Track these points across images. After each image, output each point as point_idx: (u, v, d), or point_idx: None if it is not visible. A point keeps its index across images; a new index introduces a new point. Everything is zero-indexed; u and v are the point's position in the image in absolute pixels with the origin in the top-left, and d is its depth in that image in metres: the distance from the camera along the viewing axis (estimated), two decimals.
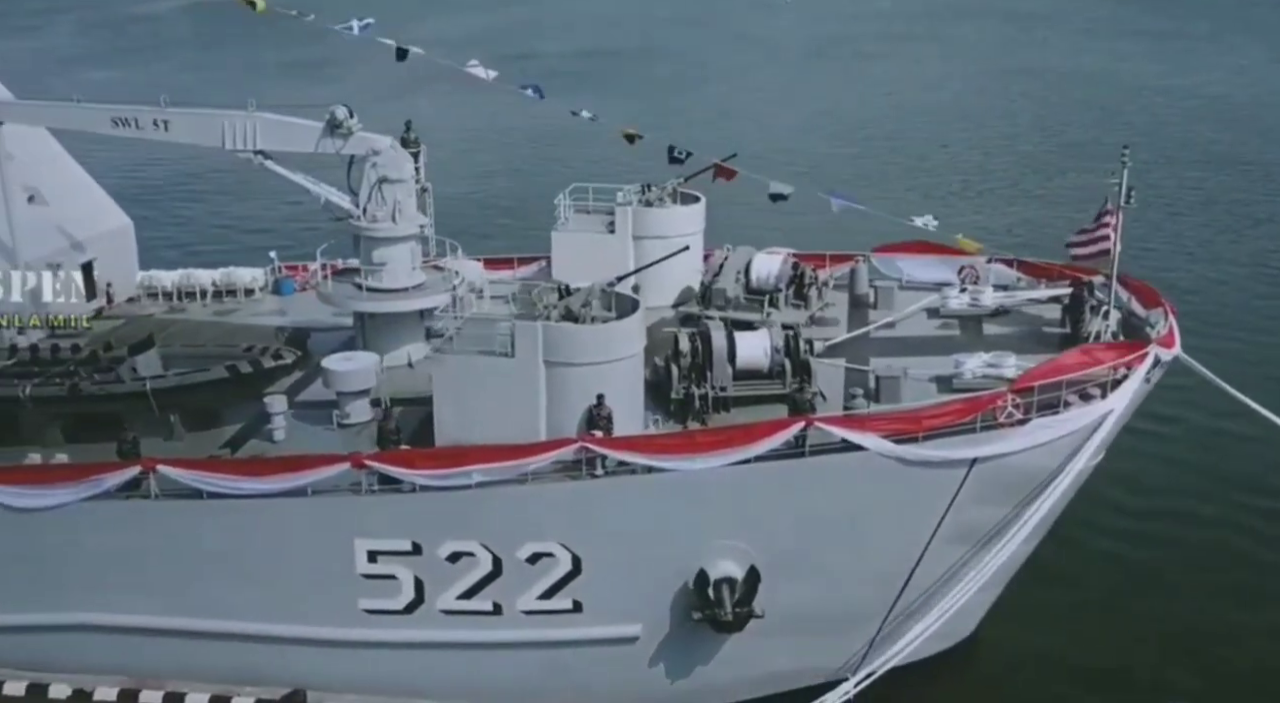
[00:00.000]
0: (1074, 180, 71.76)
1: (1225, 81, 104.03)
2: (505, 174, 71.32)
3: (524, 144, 78.71)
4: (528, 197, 67.05)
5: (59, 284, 32.49)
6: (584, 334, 22.92)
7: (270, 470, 22.57)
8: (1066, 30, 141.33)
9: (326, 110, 28.55)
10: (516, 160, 75.09)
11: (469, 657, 23.48)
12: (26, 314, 30.56)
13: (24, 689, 22.62)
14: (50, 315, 28.80)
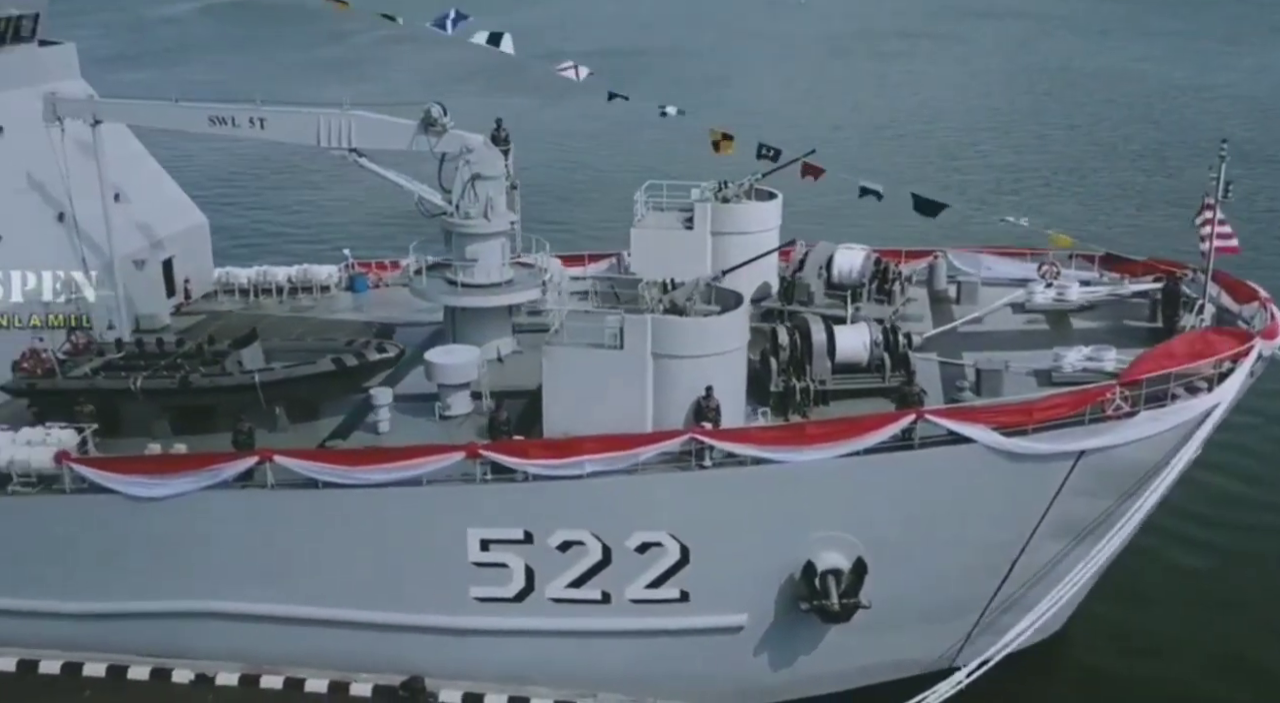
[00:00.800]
0: (1111, 178, 71.82)
1: (1249, 81, 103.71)
2: (554, 169, 71.46)
3: (574, 140, 78.95)
4: (583, 193, 67.40)
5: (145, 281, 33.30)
6: (692, 327, 22.96)
7: (385, 460, 22.68)
8: (1086, 31, 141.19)
9: (420, 108, 28.79)
10: (563, 157, 75.27)
11: (577, 645, 23.53)
12: (111, 310, 30.92)
13: (148, 674, 22.74)
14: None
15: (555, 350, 23.23)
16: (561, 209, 61.70)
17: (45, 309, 27.44)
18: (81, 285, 30.40)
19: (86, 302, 29.05)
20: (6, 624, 23.56)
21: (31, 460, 23.53)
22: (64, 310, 27.96)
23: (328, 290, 36.61)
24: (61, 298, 28.92)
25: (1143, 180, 72.19)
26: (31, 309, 27.19)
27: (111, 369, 26.49)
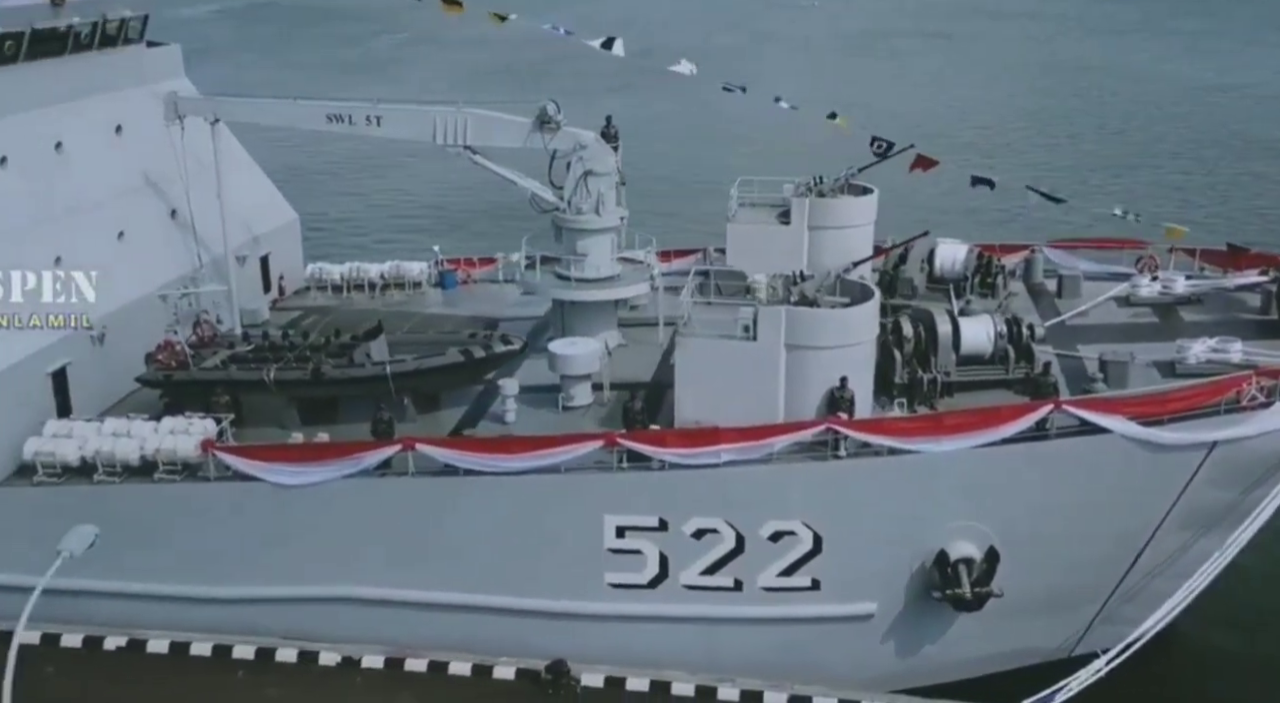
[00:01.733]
0: (1152, 176, 71.19)
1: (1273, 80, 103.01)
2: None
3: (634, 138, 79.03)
4: (653, 189, 67.34)
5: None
6: (827, 319, 23.04)
7: (525, 449, 22.89)
8: (1100, 31, 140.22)
9: (534, 107, 29.00)
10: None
11: (709, 631, 23.62)
12: (219, 304, 31.29)
13: (295, 656, 23.06)
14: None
15: (688, 342, 23.34)
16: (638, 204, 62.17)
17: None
18: (197, 281, 31.37)
19: (201, 296, 29.79)
20: (156, 608, 23.93)
21: (177, 449, 23.88)
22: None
23: (419, 287, 37.00)
24: (178, 293, 29.65)
25: (1183, 177, 71.85)
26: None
27: (240, 361, 26.85)
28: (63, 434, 24.55)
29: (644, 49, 32.15)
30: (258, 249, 35.15)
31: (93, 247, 28.28)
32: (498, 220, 60.05)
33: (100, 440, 24.23)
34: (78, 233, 28.01)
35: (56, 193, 27.93)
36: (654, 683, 22.41)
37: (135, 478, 24.14)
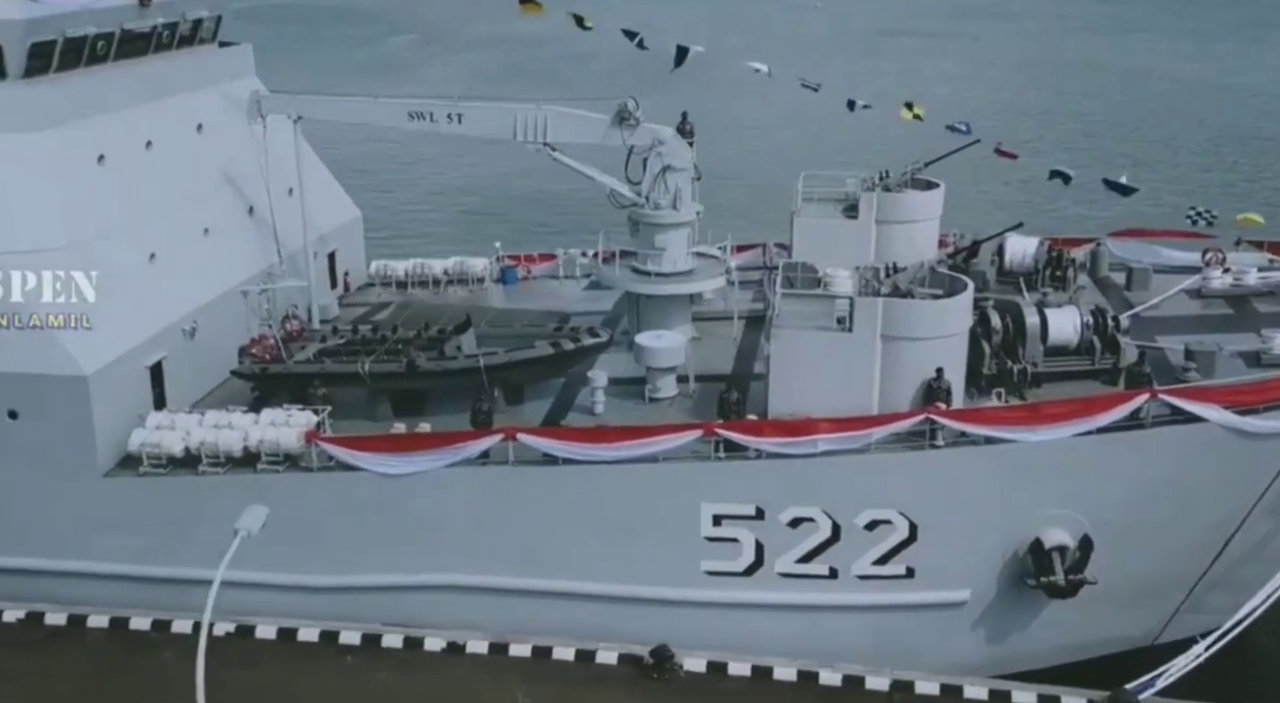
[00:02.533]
0: (1173, 173, 70.96)
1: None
2: None
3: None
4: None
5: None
6: (924, 310, 23.18)
7: (625, 438, 23.08)
8: (1101, 30, 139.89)
9: (614, 104, 29.16)
10: None
11: (803, 618, 23.73)
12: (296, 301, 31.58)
13: (401, 642, 23.31)
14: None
15: (784, 333, 23.48)
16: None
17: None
18: (276, 277, 31.67)
19: (280, 292, 30.06)
20: (263, 597, 24.09)
21: (280, 440, 24.15)
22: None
23: (481, 282, 37.24)
24: (259, 288, 29.96)
25: (1209, 171, 71.86)
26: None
27: (332, 355, 27.12)
28: (166, 426, 24.84)
29: (663, 48, 32.15)
30: (325, 246, 35.46)
31: (182, 243, 28.61)
32: (552, 215, 60.15)
33: (203, 432, 24.51)
34: (169, 230, 28.32)
35: (148, 191, 28.22)
36: (755, 668, 22.55)
37: (238, 469, 24.46)
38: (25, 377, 23.81)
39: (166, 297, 27.29)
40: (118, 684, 22.16)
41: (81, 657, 22.87)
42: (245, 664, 22.38)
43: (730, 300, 31.29)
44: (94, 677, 22.31)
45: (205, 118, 31.51)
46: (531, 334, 27.73)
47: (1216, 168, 73.79)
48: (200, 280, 28.82)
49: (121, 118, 27.83)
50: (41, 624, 23.76)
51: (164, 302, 27.11)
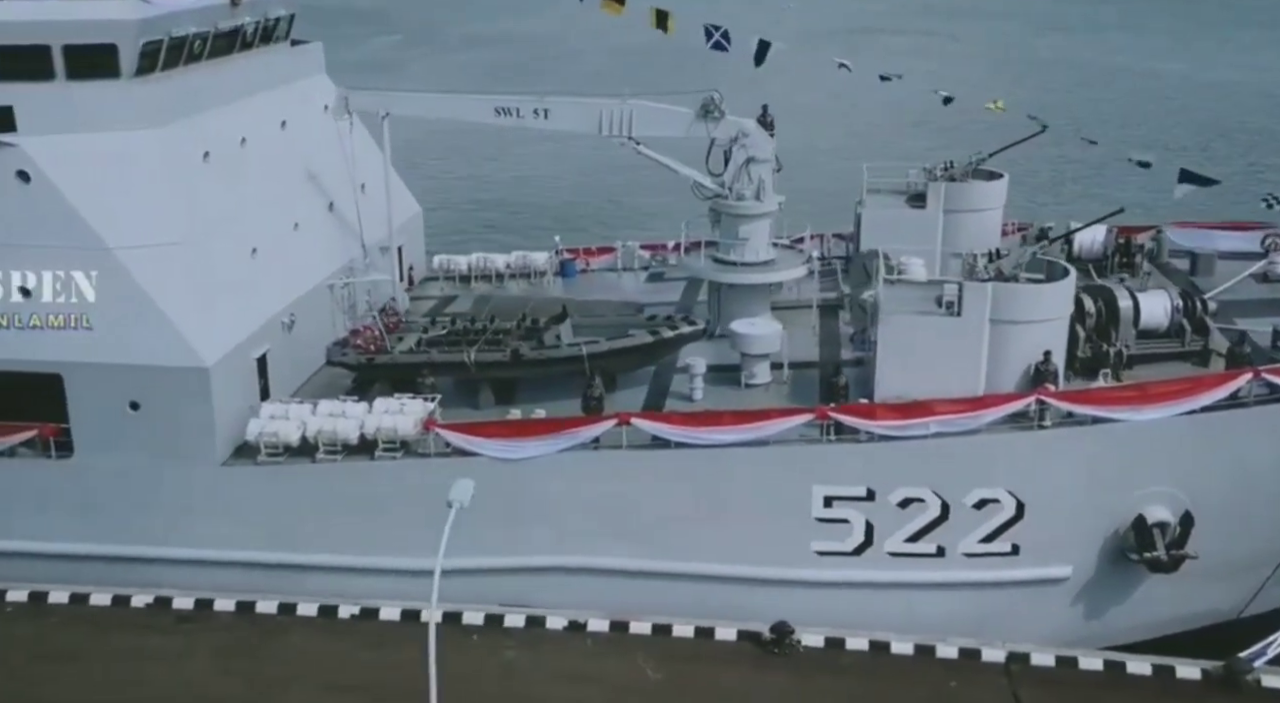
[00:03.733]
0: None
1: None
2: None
3: None
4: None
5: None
6: (1032, 294, 23.53)
7: (738, 422, 23.37)
8: (1070, 29, 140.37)
9: (699, 97, 29.40)
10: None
11: (910, 596, 24.05)
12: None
13: (523, 621, 23.61)
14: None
15: (893, 318, 23.78)
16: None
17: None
18: (357, 270, 31.90)
19: (359, 286, 30.30)
20: (384, 581, 24.36)
21: (398, 428, 24.38)
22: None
23: (544, 276, 37.46)
24: (340, 282, 30.20)
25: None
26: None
27: (434, 344, 27.35)
28: (280, 416, 25.03)
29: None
30: (394, 241, 35.66)
31: (277, 238, 28.81)
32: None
33: (320, 421, 24.72)
34: (266, 225, 28.52)
35: (245, 187, 28.39)
36: (873, 643, 22.88)
37: (353, 456, 24.68)
38: (148, 369, 23.93)
39: (268, 290, 27.49)
40: (251, 664, 22.37)
41: (212, 639, 23.04)
42: (374, 646, 22.70)
43: (800, 289, 31.60)
44: (229, 657, 22.52)
45: (287, 115, 31.67)
46: (625, 323, 28.00)
47: (1211, 160, 74.29)
48: (295, 275, 29.03)
49: (219, 116, 27.97)
50: (169, 608, 23.93)
51: (266, 295, 27.31)
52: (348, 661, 22.43)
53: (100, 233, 24.01)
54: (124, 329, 23.98)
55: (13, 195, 23.95)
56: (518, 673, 22.03)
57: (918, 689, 21.69)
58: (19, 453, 24.90)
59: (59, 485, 24.77)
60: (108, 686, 21.72)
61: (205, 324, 24.59)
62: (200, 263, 25.15)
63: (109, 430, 24.42)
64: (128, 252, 24.10)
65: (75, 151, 24.18)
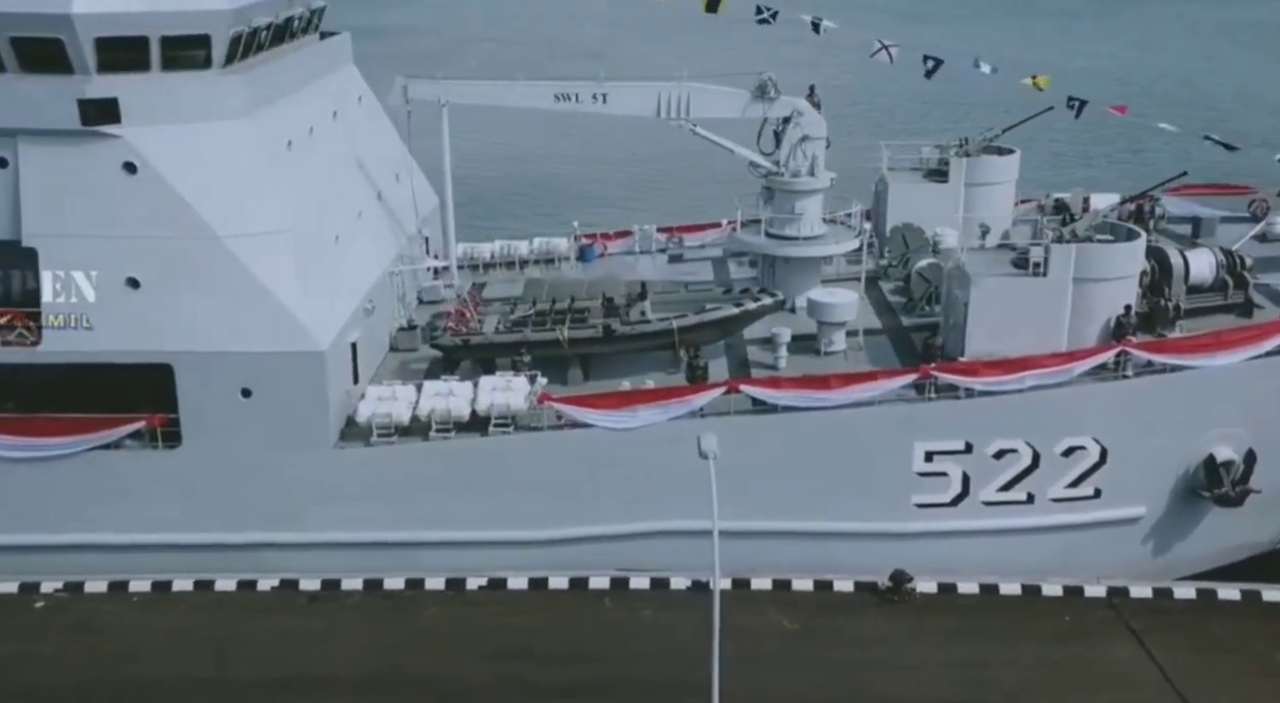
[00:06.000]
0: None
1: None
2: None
3: None
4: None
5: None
6: (1112, 253, 24.49)
7: (846, 384, 23.87)
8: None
9: (756, 79, 29.76)
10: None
11: (1001, 542, 24.80)
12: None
13: (608, 582, 23.82)
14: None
15: (984, 280, 24.52)
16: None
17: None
18: (410, 258, 31.62)
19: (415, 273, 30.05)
20: (478, 553, 24.17)
21: (510, 403, 24.28)
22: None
23: (567, 260, 37.42)
24: (408, 268, 29.93)
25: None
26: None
27: (519, 325, 27.23)
28: (388, 397, 24.69)
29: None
30: (424, 230, 35.30)
31: (350, 227, 28.33)
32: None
33: (432, 400, 24.45)
34: (341, 213, 28.01)
35: (319, 175, 27.83)
36: (983, 586, 23.67)
37: (464, 434, 24.49)
38: (262, 355, 23.31)
39: (352, 278, 27.05)
40: (398, 637, 22.13)
41: (350, 616, 22.69)
42: (506, 614, 22.72)
43: (838, 263, 32.23)
44: (375, 632, 22.26)
45: (336, 105, 31.09)
46: (701, 298, 28.26)
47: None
48: (368, 262, 28.63)
49: (289, 105, 27.29)
50: (297, 590, 23.45)
51: (352, 282, 26.87)
52: (489, 629, 22.34)
53: (209, 222, 23.28)
54: (237, 317, 23.27)
55: (119, 187, 23.07)
56: (657, 630, 22.19)
57: (1036, 624, 22.52)
58: (125, 445, 24.09)
59: (168, 475, 24.02)
60: (269, 663, 21.28)
61: (315, 310, 24.05)
62: (303, 250, 24.58)
63: (219, 418, 23.73)
64: (237, 240, 23.44)
65: (177, 142, 23.37)
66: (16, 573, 23.70)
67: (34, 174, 22.90)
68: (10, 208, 23.02)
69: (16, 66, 22.77)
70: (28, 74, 22.84)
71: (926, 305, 29.63)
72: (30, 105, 22.60)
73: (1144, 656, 21.15)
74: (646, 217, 41.86)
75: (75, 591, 23.22)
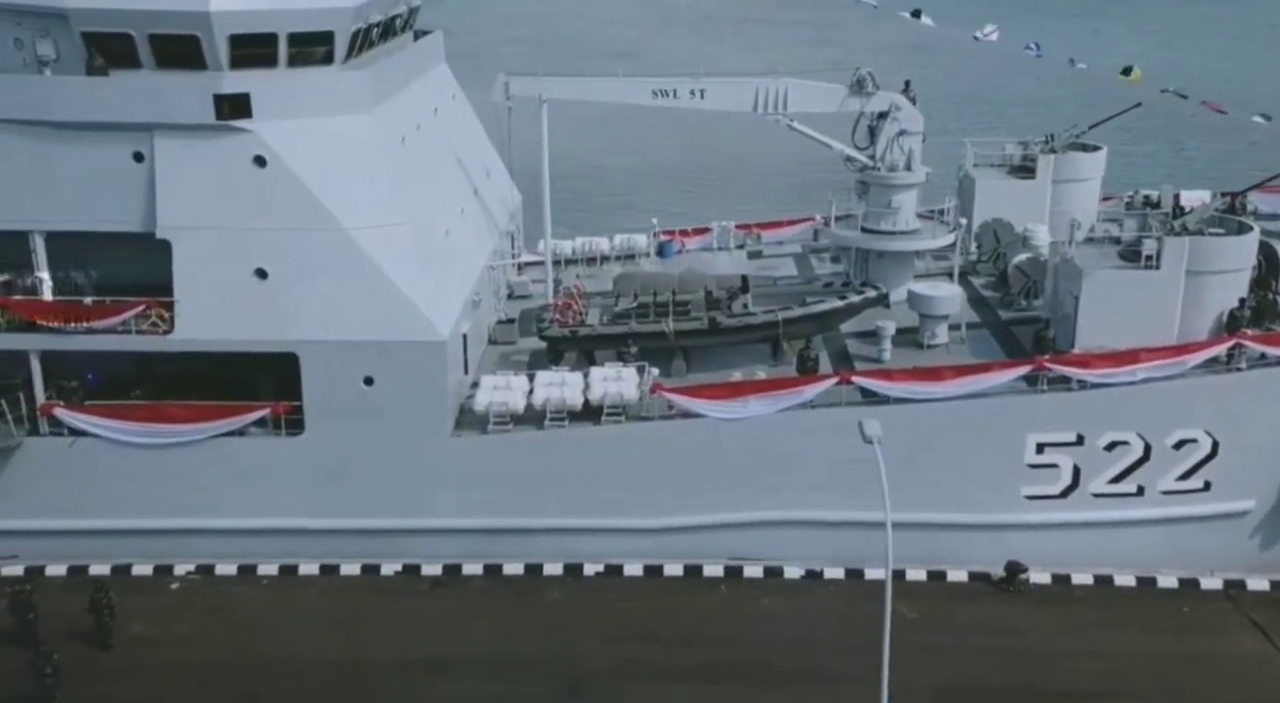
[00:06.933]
0: None
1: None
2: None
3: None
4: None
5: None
6: (1225, 247, 24.22)
7: (957, 376, 23.78)
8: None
9: (853, 73, 29.71)
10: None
11: (1110, 534, 24.62)
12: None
13: (722, 570, 23.99)
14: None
15: (1097, 273, 24.37)
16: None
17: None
18: (503, 253, 31.84)
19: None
20: (591, 540, 24.34)
21: (623, 393, 24.40)
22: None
23: (648, 256, 37.50)
24: (505, 262, 30.10)
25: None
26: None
27: (621, 318, 27.33)
28: (502, 387, 24.89)
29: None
30: (510, 226, 35.54)
31: (455, 221, 28.60)
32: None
33: (547, 390, 24.63)
34: (448, 208, 28.29)
35: (426, 171, 28.10)
36: (1097, 577, 23.50)
37: (577, 423, 24.62)
38: (386, 344, 23.58)
39: (460, 271, 27.34)
40: (526, 622, 22.39)
41: (470, 601, 22.90)
42: (626, 598, 22.85)
43: (925, 257, 32.07)
44: (506, 617, 22.54)
45: (436, 102, 31.39)
46: (800, 292, 28.26)
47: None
48: (472, 256, 28.91)
49: (400, 102, 27.62)
50: (419, 575, 23.72)
51: (460, 275, 27.15)
52: (610, 614, 22.48)
53: (336, 214, 23.59)
54: (362, 307, 23.52)
55: (249, 180, 23.41)
56: (770, 618, 22.23)
57: (1154, 615, 22.35)
58: (249, 432, 24.44)
59: (290, 462, 24.32)
60: (398, 645, 21.51)
61: (434, 300, 24.31)
62: (421, 242, 24.86)
63: (341, 406, 23.99)
64: (362, 232, 23.73)
65: (305, 136, 23.69)
66: (148, 556, 24.11)
67: (169, 168, 23.28)
68: (145, 201, 23.42)
69: (153, 63, 23.17)
70: (163, 71, 23.24)
71: (1024, 299, 29.50)
72: (166, 100, 22.98)
73: (1273, 649, 20.88)
74: (713, 215, 41.83)
75: (207, 573, 23.60)
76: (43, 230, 23.91)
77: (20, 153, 23.37)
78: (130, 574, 23.17)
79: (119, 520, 23.88)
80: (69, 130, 23.19)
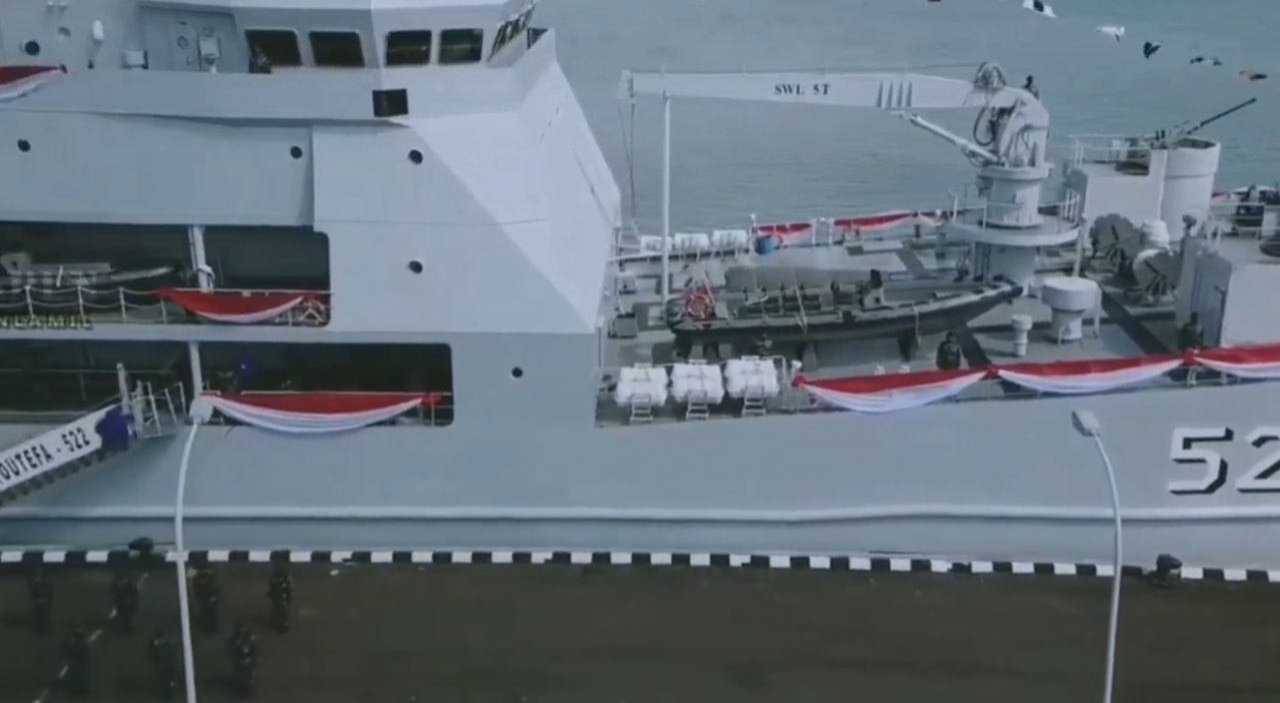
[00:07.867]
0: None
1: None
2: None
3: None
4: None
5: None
6: None
7: (1105, 370, 23.46)
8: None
9: (979, 69, 29.41)
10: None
11: (1256, 529, 24.29)
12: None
13: (869, 563, 23.89)
14: None
15: (1247, 268, 24.00)
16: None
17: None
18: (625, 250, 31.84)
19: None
20: (735, 531, 24.29)
21: (764, 386, 24.34)
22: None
23: (747, 252, 37.32)
24: (625, 257, 30.08)
25: None
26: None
27: (752, 312, 27.30)
28: (642, 379, 24.93)
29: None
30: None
31: (585, 217, 28.73)
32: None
33: (688, 383, 24.62)
34: (578, 204, 28.45)
35: (559, 167, 28.22)
36: (1250, 572, 23.12)
37: (716, 415, 24.59)
38: (537, 336, 23.72)
39: (593, 265, 27.48)
40: (676, 610, 22.42)
41: (620, 589, 22.97)
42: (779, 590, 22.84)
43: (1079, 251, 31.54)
44: (656, 603, 22.61)
45: (559, 99, 31.52)
46: (930, 287, 28.07)
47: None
48: (598, 252, 29.04)
49: (534, 100, 27.81)
50: (569, 563, 23.80)
51: (593, 270, 27.28)
52: (762, 604, 22.44)
53: (489, 209, 23.78)
54: (513, 300, 23.67)
55: (405, 175, 23.65)
56: (934, 611, 22.10)
57: None
58: (399, 422, 24.69)
59: (440, 451, 24.51)
60: (554, 632, 21.62)
61: (580, 294, 24.45)
62: (564, 237, 25.01)
63: (491, 397, 24.16)
64: (514, 226, 23.89)
65: (457, 132, 23.89)
66: (305, 543, 24.42)
67: (327, 163, 23.56)
68: (303, 195, 23.73)
69: (313, 60, 23.47)
70: (322, 68, 23.53)
71: (1152, 295, 29.08)
72: (325, 97, 23.26)
73: None
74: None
75: (363, 560, 23.82)
76: (202, 224, 24.31)
77: (182, 148, 23.75)
78: (289, 560, 23.40)
79: (277, 508, 24.17)
80: (230, 126, 23.54)
